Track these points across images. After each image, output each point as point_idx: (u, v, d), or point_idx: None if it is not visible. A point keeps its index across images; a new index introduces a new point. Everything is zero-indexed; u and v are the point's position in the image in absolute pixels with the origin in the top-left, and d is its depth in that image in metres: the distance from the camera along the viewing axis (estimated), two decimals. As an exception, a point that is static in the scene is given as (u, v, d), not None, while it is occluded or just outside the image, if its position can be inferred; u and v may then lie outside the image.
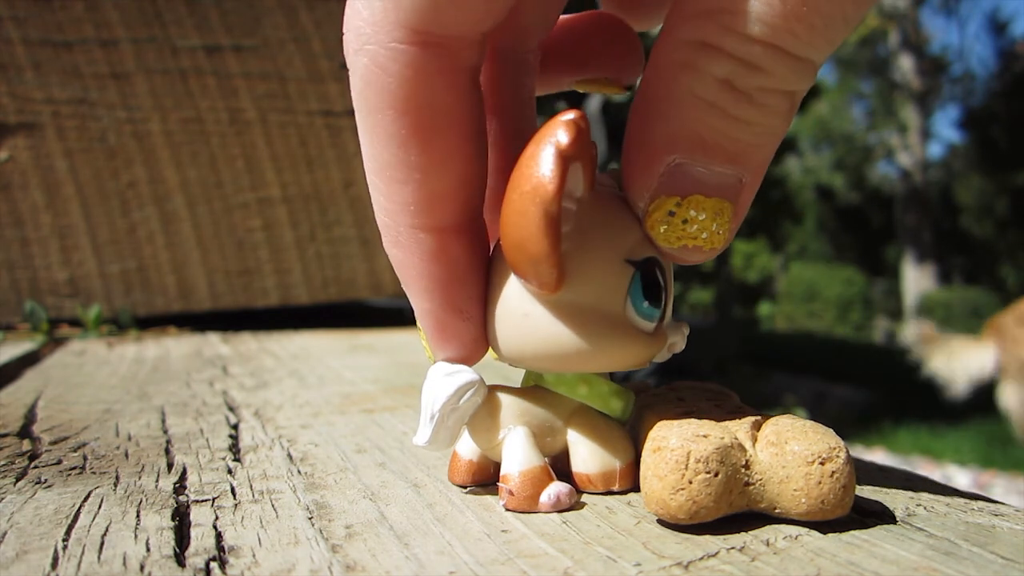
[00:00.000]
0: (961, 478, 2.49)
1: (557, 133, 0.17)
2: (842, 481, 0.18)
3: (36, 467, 0.25)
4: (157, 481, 0.24)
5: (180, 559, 0.17)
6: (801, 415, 0.20)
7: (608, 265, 0.19)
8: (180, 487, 0.23)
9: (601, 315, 0.19)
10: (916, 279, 8.04)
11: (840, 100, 9.87)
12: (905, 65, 8.64)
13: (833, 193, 10.06)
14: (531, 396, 0.21)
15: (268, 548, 0.18)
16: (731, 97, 0.18)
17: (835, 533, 0.18)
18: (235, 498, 0.22)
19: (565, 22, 0.24)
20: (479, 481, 0.22)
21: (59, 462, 0.26)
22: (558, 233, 0.17)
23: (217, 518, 0.20)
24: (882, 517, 0.19)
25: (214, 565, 0.17)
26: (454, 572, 0.16)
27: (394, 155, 0.19)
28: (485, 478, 0.22)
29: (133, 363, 0.51)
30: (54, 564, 0.17)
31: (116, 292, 0.73)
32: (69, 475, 0.24)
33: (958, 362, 2.29)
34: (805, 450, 0.18)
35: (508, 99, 0.22)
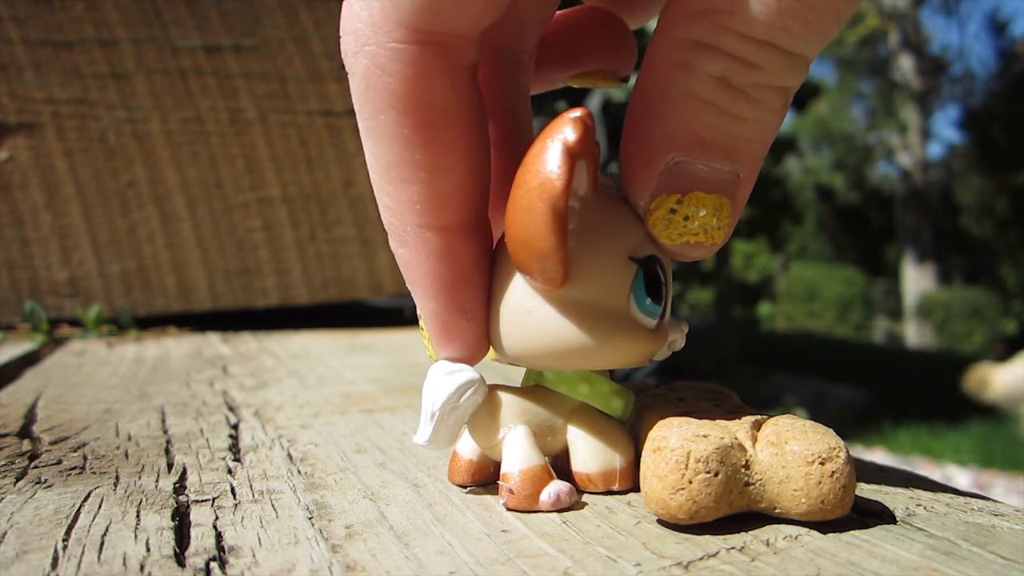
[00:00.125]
0: (961, 478, 2.49)
1: (565, 130, 0.17)
2: (842, 481, 0.18)
3: (36, 467, 0.25)
4: (157, 481, 0.24)
5: (180, 559, 0.17)
6: (801, 415, 0.20)
7: (612, 262, 0.19)
8: (180, 487, 0.23)
9: (605, 312, 0.19)
10: (916, 279, 8.05)
11: (840, 100, 9.87)
12: (905, 65, 8.65)
13: (833, 193, 10.06)
14: (531, 395, 0.21)
15: (268, 548, 0.18)
16: (728, 95, 0.18)
17: (835, 533, 0.18)
18: (235, 498, 0.22)
19: (556, 18, 0.24)
20: (479, 480, 0.22)
21: (59, 462, 0.26)
22: (565, 229, 0.17)
23: (217, 518, 0.20)
24: (882, 517, 0.19)
25: (214, 565, 0.17)
26: (454, 572, 0.16)
27: (399, 155, 0.19)
28: (485, 477, 0.22)
29: (133, 363, 0.51)
30: (54, 564, 0.17)
31: (116, 292, 0.73)
32: (69, 475, 0.24)
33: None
34: (805, 450, 0.18)
35: (505, 99, 0.22)
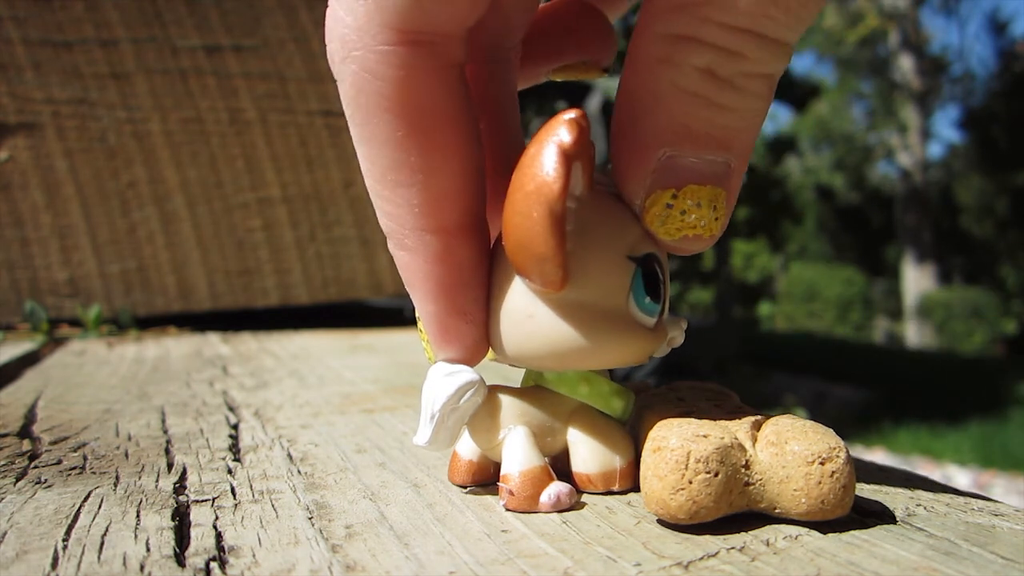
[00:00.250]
0: (961, 478, 2.49)
1: (560, 132, 0.17)
2: (842, 481, 0.18)
3: (36, 467, 0.25)
4: (157, 481, 0.24)
5: (180, 559, 0.17)
6: (801, 415, 0.20)
7: (611, 263, 0.19)
8: (180, 487, 0.23)
9: (605, 312, 0.19)
10: (916, 279, 8.05)
11: (840, 100, 9.87)
12: (905, 65, 8.65)
13: (833, 193, 10.06)
14: (531, 396, 0.21)
15: (268, 548, 0.18)
16: (714, 86, 0.18)
17: (835, 533, 0.18)
18: (235, 498, 0.22)
19: (536, 13, 0.24)
20: (479, 481, 0.22)
21: (59, 462, 0.26)
22: (563, 232, 0.17)
23: (217, 518, 0.20)
24: (882, 517, 0.19)
25: (214, 565, 0.17)
26: (454, 572, 0.16)
27: (394, 159, 0.19)
28: (485, 478, 0.22)
29: (133, 363, 0.51)
30: (54, 564, 0.17)
31: (116, 292, 0.73)
32: (69, 475, 0.24)
33: None
34: (805, 450, 0.18)
35: (495, 97, 0.22)
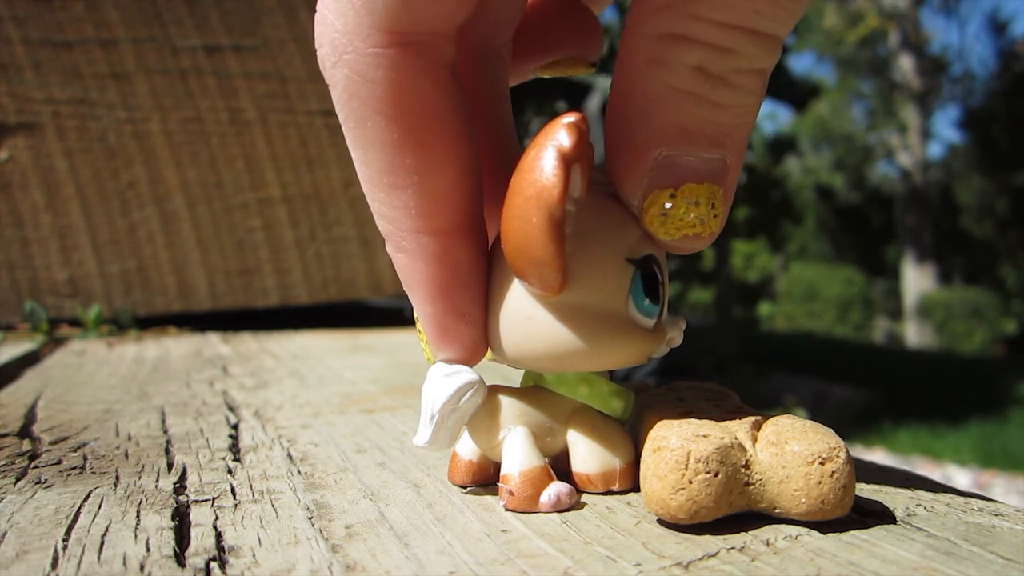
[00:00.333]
0: (961, 478, 2.49)
1: (559, 136, 0.17)
2: (842, 481, 0.18)
3: (36, 467, 0.25)
4: (157, 481, 0.24)
5: (180, 559, 0.17)
6: (801, 415, 0.20)
7: (610, 266, 0.19)
8: (180, 487, 0.23)
9: (604, 315, 0.19)
10: (916, 279, 8.05)
11: (840, 100, 9.87)
12: (905, 65, 8.65)
13: (833, 193, 10.06)
14: (531, 396, 0.21)
15: (268, 548, 0.18)
16: (707, 83, 0.18)
17: (835, 533, 0.18)
18: (235, 498, 0.22)
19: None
20: (479, 481, 0.22)
21: (59, 462, 0.26)
22: (562, 237, 0.17)
23: (217, 518, 0.20)
24: (882, 517, 0.19)
25: (214, 565, 0.17)
26: (454, 572, 0.16)
27: (389, 161, 0.19)
28: (485, 478, 0.22)
29: (133, 363, 0.51)
30: (54, 564, 0.17)
31: (116, 292, 0.73)
32: (69, 475, 0.24)
33: None
34: (805, 450, 0.18)
35: (487, 96, 0.22)
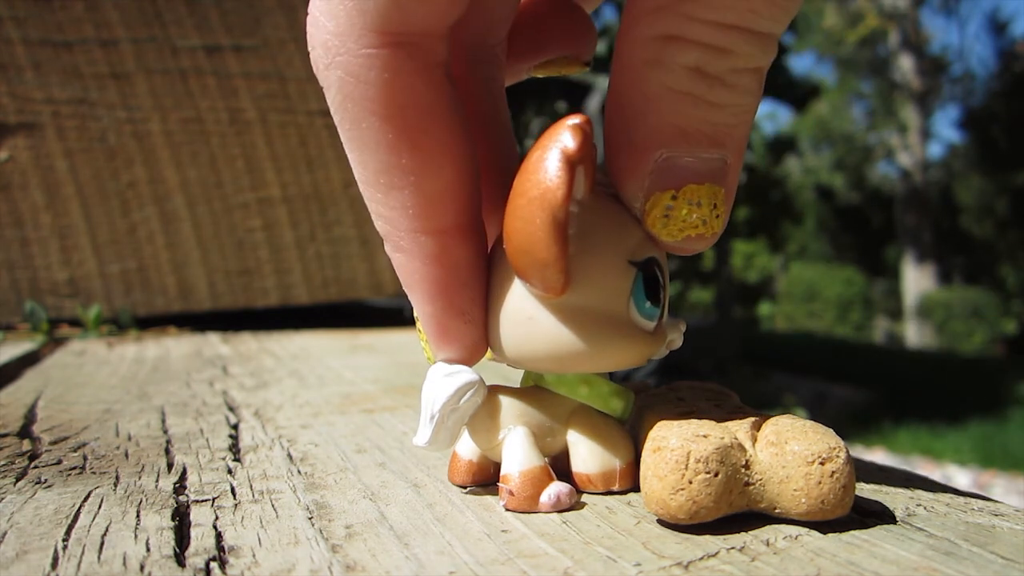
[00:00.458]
0: (961, 478, 2.49)
1: (563, 138, 0.17)
2: (842, 481, 0.18)
3: (36, 467, 0.25)
4: (157, 481, 0.24)
5: (180, 559, 0.17)
6: (801, 415, 0.20)
7: (612, 268, 0.19)
8: (180, 487, 0.23)
9: (605, 317, 0.19)
10: (916, 279, 8.05)
11: (840, 100, 9.87)
12: (905, 65, 8.65)
13: (833, 193, 10.06)
14: (531, 396, 0.21)
15: (268, 548, 0.18)
16: (704, 84, 0.18)
17: (835, 533, 0.18)
18: (235, 498, 0.22)
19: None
20: (479, 481, 0.22)
21: (59, 462, 0.26)
22: (566, 239, 0.17)
23: (217, 518, 0.20)
24: (882, 517, 0.19)
25: (214, 565, 0.17)
26: (454, 572, 0.16)
27: (385, 161, 0.19)
28: (485, 478, 0.22)
29: (133, 363, 0.51)
30: (54, 564, 0.17)
31: (116, 292, 0.73)
32: (69, 475, 0.24)
33: None
34: (805, 450, 0.18)
35: (480, 95, 0.22)
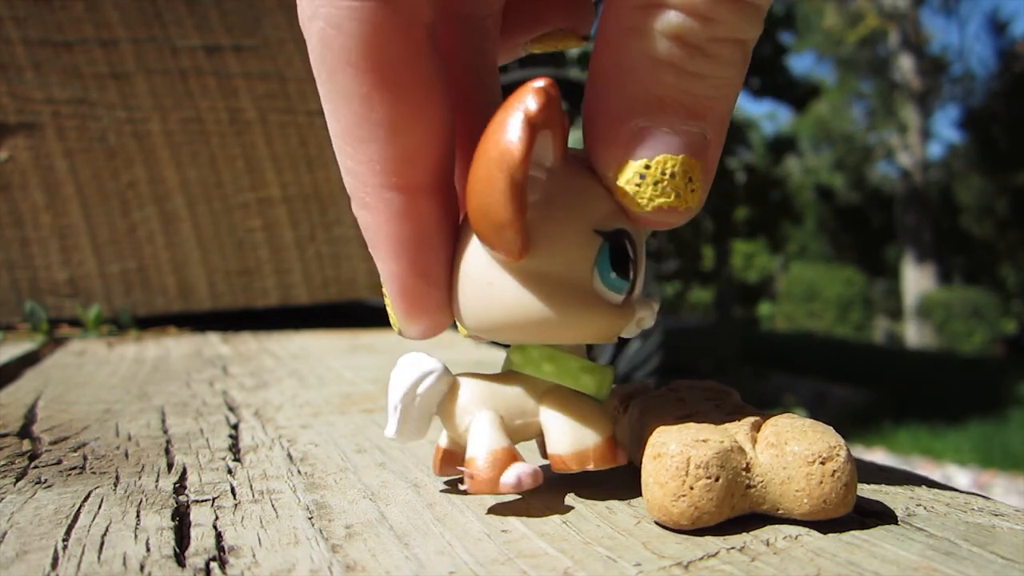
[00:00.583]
0: (961, 478, 2.49)
1: (526, 100, 0.17)
2: (844, 480, 0.18)
3: (36, 467, 0.25)
4: (157, 481, 0.24)
5: (180, 559, 0.17)
6: (801, 415, 0.20)
7: (575, 234, 0.19)
8: (180, 487, 0.23)
9: (567, 285, 0.19)
10: (916, 279, 8.05)
11: (840, 100, 9.87)
12: (905, 65, 8.65)
13: (833, 193, 10.06)
14: (501, 380, 0.21)
15: (268, 548, 0.18)
16: (684, 52, 0.18)
17: (835, 533, 0.18)
18: (235, 498, 0.22)
19: None
20: (458, 472, 0.21)
21: (59, 462, 0.26)
22: (523, 200, 0.17)
23: (217, 518, 0.20)
24: (882, 517, 0.19)
25: (214, 565, 0.17)
26: (454, 572, 0.16)
27: (357, 113, 0.19)
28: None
29: (133, 363, 0.51)
30: (54, 564, 0.17)
31: (116, 292, 0.73)
32: (69, 475, 0.24)
33: None
34: (805, 450, 0.18)
35: (470, 66, 0.22)
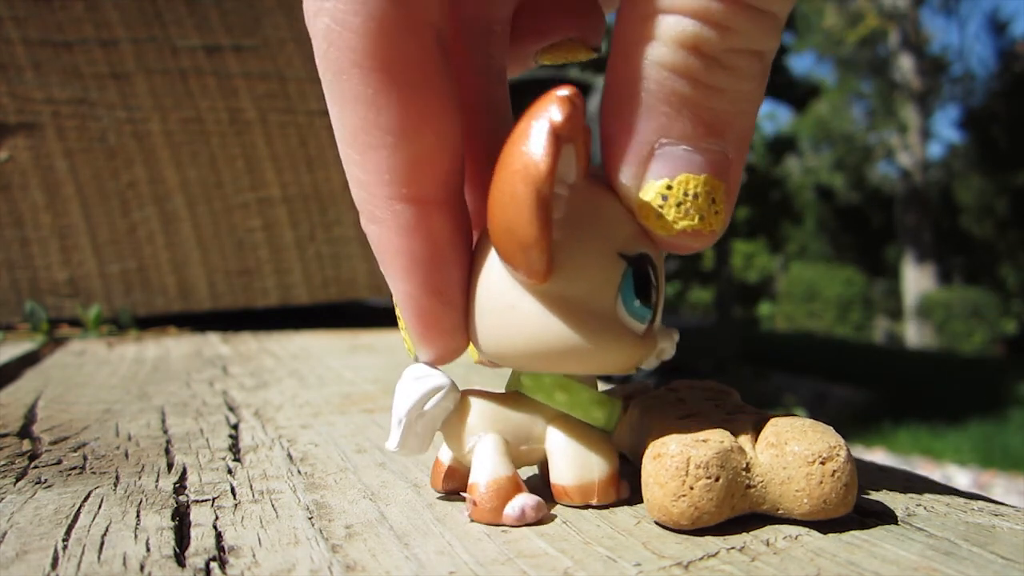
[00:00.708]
0: (961, 478, 2.49)
1: (550, 109, 0.16)
2: (844, 480, 0.18)
3: (36, 467, 0.25)
4: (157, 481, 0.24)
5: (180, 559, 0.17)
6: (801, 415, 0.20)
7: (600, 257, 0.18)
8: (180, 487, 0.23)
9: (590, 310, 0.18)
10: (916, 279, 8.05)
11: (840, 100, 9.86)
12: (905, 65, 8.64)
13: (833, 193, 10.06)
14: (508, 402, 0.20)
15: (268, 548, 0.18)
16: (701, 63, 0.17)
17: (835, 533, 0.18)
18: (235, 498, 0.22)
19: None
20: (457, 488, 0.21)
21: (59, 462, 0.26)
22: (549, 217, 0.16)
23: (217, 518, 0.20)
24: (882, 517, 0.19)
25: (214, 565, 0.17)
26: (454, 572, 0.16)
27: (364, 118, 0.18)
28: (463, 485, 0.21)
29: (133, 363, 0.51)
30: (54, 564, 0.17)
31: (116, 292, 0.73)
32: (69, 475, 0.24)
33: None
34: (805, 450, 0.18)
35: (478, 72, 0.22)
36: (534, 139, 0.16)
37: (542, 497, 0.20)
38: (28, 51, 0.70)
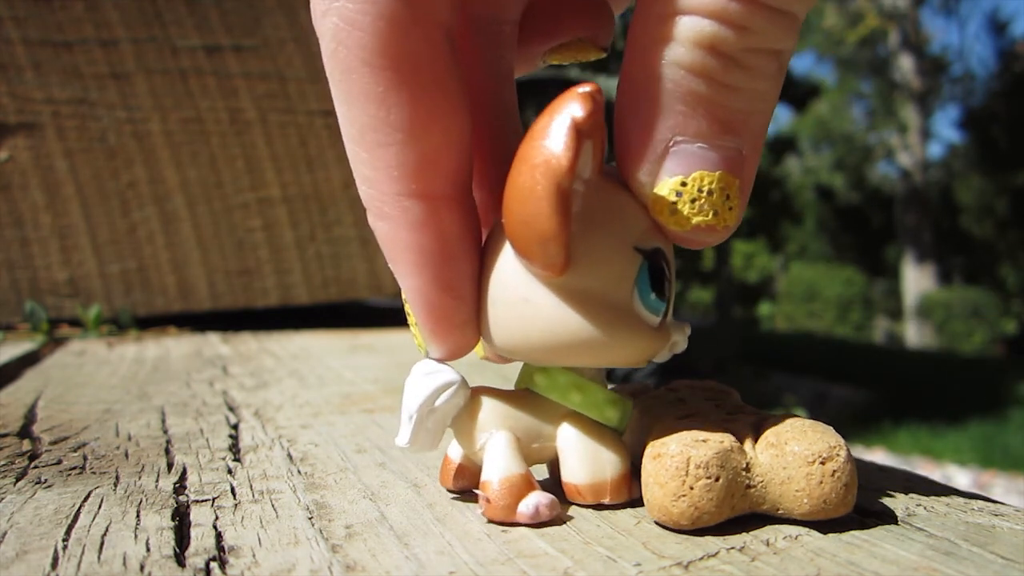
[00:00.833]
0: (961, 478, 2.49)
1: (572, 105, 0.16)
2: (844, 480, 0.18)
3: (36, 467, 0.25)
4: (157, 481, 0.24)
5: (180, 559, 0.17)
6: (801, 415, 0.20)
7: (617, 251, 0.18)
8: (180, 487, 0.23)
9: (607, 304, 0.18)
10: (916, 279, 8.05)
11: (840, 100, 9.86)
12: (905, 65, 8.65)
13: (833, 193, 10.06)
14: (519, 399, 0.20)
15: (268, 548, 0.18)
16: (718, 63, 0.17)
17: (835, 533, 0.18)
18: (235, 498, 0.22)
19: None
20: (468, 486, 0.21)
21: (59, 462, 0.26)
22: (569, 211, 0.16)
23: (217, 518, 0.20)
24: (882, 517, 0.19)
25: (214, 565, 0.17)
26: (454, 572, 0.16)
27: (373, 116, 0.18)
28: (474, 483, 0.21)
29: (133, 363, 0.51)
30: (54, 564, 0.17)
31: (116, 292, 0.73)
32: (69, 475, 0.24)
33: None
34: (805, 450, 0.18)
35: (487, 72, 0.22)
36: (555, 134, 0.16)
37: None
38: (28, 51, 0.70)
